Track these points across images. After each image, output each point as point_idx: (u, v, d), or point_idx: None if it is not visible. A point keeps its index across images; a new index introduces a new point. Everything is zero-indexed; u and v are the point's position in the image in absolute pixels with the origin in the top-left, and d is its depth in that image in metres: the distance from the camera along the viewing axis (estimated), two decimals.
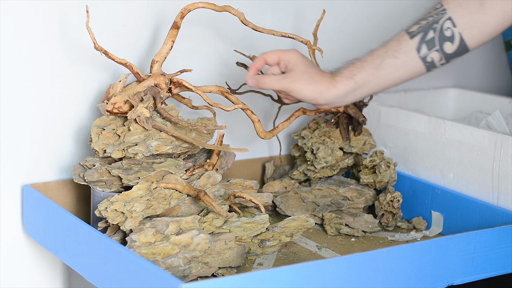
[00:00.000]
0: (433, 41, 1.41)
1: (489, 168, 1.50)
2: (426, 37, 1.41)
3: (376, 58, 1.43)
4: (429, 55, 1.42)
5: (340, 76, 1.43)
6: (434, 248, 1.31)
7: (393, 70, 1.43)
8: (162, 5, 1.57)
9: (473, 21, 1.41)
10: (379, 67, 1.42)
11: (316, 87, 1.42)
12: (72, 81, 1.51)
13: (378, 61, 1.42)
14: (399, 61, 1.42)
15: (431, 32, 1.41)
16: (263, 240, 1.44)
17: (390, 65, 1.43)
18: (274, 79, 1.44)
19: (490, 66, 2.10)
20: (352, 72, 1.43)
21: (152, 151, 1.40)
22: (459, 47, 1.42)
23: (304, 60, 1.45)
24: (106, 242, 1.26)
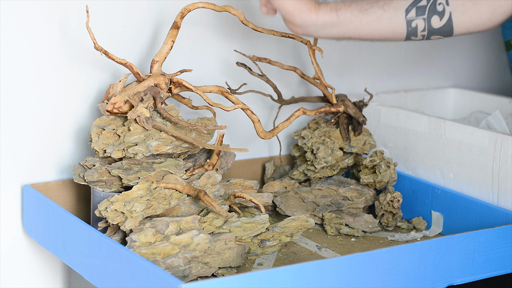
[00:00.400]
0: (423, 8, 1.42)
1: (489, 168, 1.50)
2: (418, 2, 1.42)
3: (366, 2, 1.43)
4: (414, 20, 1.43)
5: (325, 5, 1.42)
6: (434, 248, 1.31)
7: (376, 20, 1.43)
8: (162, 5, 1.57)
9: (465, 6, 1.43)
10: (366, 11, 1.42)
11: (298, 4, 1.41)
12: (72, 81, 1.51)
13: (366, 6, 1.42)
14: (385, 14, 1.43)
15: (424, 0, 1.41)
16: (263, 240, 1.44)
17: (376, 14, 1.43)
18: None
19: (490, 66, 2.10)
20: (338, 6, 1.42)
21: (152, 151, 1.40)
22: (445, 25, 1.43)
23: None
24: (106, 242, 1.26)
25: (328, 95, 1.64)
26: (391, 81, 1.93)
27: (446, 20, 1.42)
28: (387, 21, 1.43)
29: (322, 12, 1.41)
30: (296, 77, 1.76)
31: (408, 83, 1.95)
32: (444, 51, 2.01)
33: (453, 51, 2.03)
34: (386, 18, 1.42)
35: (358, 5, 1.42)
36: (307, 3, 1.41)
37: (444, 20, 1.42)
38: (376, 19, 1.43)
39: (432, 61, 1.99)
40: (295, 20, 1.42)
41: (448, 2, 1.42)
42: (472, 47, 2.06)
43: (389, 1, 1.43)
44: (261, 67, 1.68)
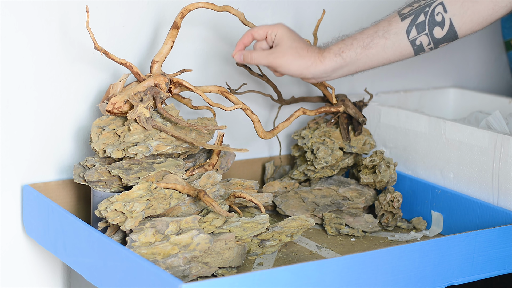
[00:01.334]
0: (423, 24, 1.42)
1: (489, 168, 1.50)
2: (416, 20, 1.42)
3: (366, 37, 1.43)
4: (418, 38, 1.43)
5: (328, 52, 1.43)
6: (434, 248, 1.31)
7: (382, 50, 1.44)
8: (162, 5, 1.57)
9: (464, 8, 1.42)
10: (368, 46, 1.43)
11: (303, 62, 1.42)
12: (72, 81, 1.51)
13: (367, 40, 1.43)
14: (388, 41, 1.43)
15: (422, 15, 1.42)
16: (263, 240, 1.44)
17: (379, 45, 1.43)
18: (260, 54, 1.43)
19: (490, 66, 2.10)
20: (341, 49, 1.43)
21: (152, 151, 1.40)
22: (448, 32, 1.43)
23: (290, 34, 1.44)
24: (106, 242, 1.26)
25: (328, 95, 1.64)
26: (391, 81, 1.93)
27: (448, 27, 1.42)
28: (391, 48, 1.44)
29: (327, 60, 1.43)
30: None
31: (408, 83, 1.95)
32: (444, 51, 2.01)
33: (453, 51, 2.03)
34: (389, 45, 1.43)
35: (359, 42, 1.43)
36: (310, 58, 1.43)
37: (446, 28, 1.42)
38: (381, 49, 1.44)
39: (432, 61, 1.99)
40: (306, 76, 1.45)
41: (446, 9, 1.42)
42: (472, 47, 2.06)
43: (387, 28, 1.43)
44: (261, 67, 1.68)
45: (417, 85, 1.97)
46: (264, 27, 1.45)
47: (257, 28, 1.45)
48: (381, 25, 1.44)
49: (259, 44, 1.47)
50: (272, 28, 1.44)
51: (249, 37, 1.46)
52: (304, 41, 1.46)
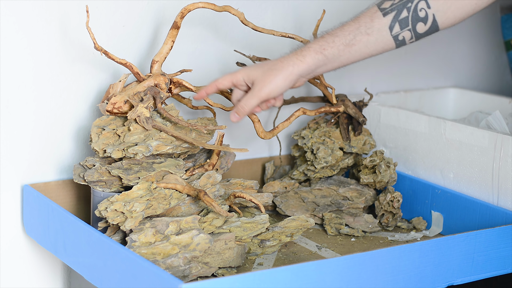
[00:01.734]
0: (406, 20, 1.42)
1: (489, 168, 1.50)
2: (399, 16, 1.42)
3: (348, 33, 1.42)
4: (401, 34, 1.42)
5: (307, 50, 1.42)
6: (434, 248, 1.31)
7: (364, 46, 1.43)
8: (162, 5, 1.57)
9: (448, 4, 1.42)
10: (351, 43, 1.42)
11: (284, 73, 1.41)
12: (72, 81, 1.51)
13: (350, 37, 1.42)
14: (371, 38, 1.42)
15: (404, 11, 1.41)
16: (263, 240, 1.44)
17: (362, 42, 1.43)
18: (248, 97, 1.41)
19: (490, 66, 2.10)
20: (322, 46, 1.42)
21: (152, 151, 1.40)
22: (431, 27, 1.43)
23: (254, 66, 1.43)
24: (106, 242, 1.26)
25: (328, 95, 1.64)
26: (391, 81, 1.93)
27: (431, 23, 1.42)
28: (374, 43, 1.43)
29: (308, 58, 1.41)
30: None
31: (408, 83, 1.95)
32: (444, 51, 2.01)
33: (453, 51, 2.03)
34: (372, 41, 1.43)
35: (341, 39, 1.42)
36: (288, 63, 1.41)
37: (429, 24, 1.42)
38: (364, 45, 1.43)
39: (432, 61, 1.99)
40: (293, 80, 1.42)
41: (430, 5, 1.41)
42: (472, 47, 2.06)
43: (370, 24, 1.42)
44: None
45: (417, 85, 1.97)
46: (227, 76, 1.43)
47: (221, 79, 1.44)
48: (362, 21, 1.43)
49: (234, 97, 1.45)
50: (235, 75, 1.43)
51: (213, 88, 1.45)
52: (271, 60, 1.45)
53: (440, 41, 1.99)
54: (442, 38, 1.99)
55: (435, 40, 1.98)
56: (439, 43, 1.99)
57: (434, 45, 1.98)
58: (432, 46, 1.98)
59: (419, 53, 1.96)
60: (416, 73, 1.97)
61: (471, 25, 2.04)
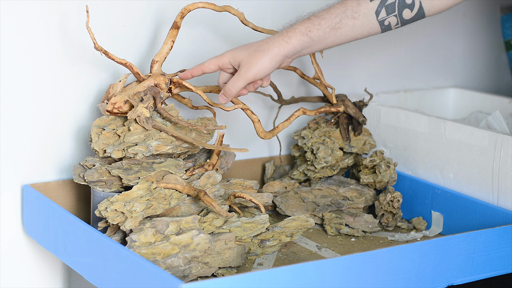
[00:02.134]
0: (393, 6, 1.42)
1: (489, 168, 1.50)
2: (386, 1, 1.42)
3: (334, 16, 1.43)
4: (387, 19, 1.43)
5: (293, 32, 1.43)
6: (434, 248, 1.31)
7: (350, 30, 1.44)
8: (162, 5, 1.57)
9: None
10: (337, 26, 1.43)
11: (270, 54, 1.42)
12: (72, 81, 1.51)
13: (336, 20, 1.43)
14: (357, 22, 1.43)
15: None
16: (263, 240, 1.44)
17: (348, 25, 1.43)
18: (233, 80, 1.42)
19: (490, 66, 2.10)
20: (308, 28, 1.43)
21: (152, 151, 1.40)
22: (417, 14, 1.44)
23: (239, 48, 1.44)
24: (106, 242, 1.26)
25: (328, 95, 1.64)
26: (391, 81, 1.93)
27: (417, 9, 1.43)
28: (360, 27, 1.44)
29: (293, 39, 1.42)
30: (296, 77, 1.76)
31: (408, 83, 1.95)
32: (444, 51, 2.01)
33: (453, 51, 2.03)
34: (358, 25, 1.43)
35: (327, 21, 1.43)
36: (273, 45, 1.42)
37: (415, 11, 1.43)
38: (349, 29, 1.44)
39: (432, 61, 1.99)
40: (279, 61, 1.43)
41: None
42: (472, 47, 2.06)
43: (356, 8, 1.43)
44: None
45: (417, 85, 1.97)
46: (212, 60, 1.44)
47: (206, 63, 1.44)
48: (349, 5, 1.43)
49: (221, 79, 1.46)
50: (220, 58, 1.44)
51: (199, 71, 1.45)
52: (257, 41, 1.45)
53: (440, 42, 1.99)
54: (442, 38, 1.99)
55: (435, 40, 1.98)
56: (439, 44, 1.99)
57: (434, 45, 1.98)
58: (432, 46, 1.98)
59: (419, 53, 1.96)
60: (416, 73, 1.97)
61: (471, 25, 2.04)
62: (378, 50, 1.88)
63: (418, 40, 1.95)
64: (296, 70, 1.62)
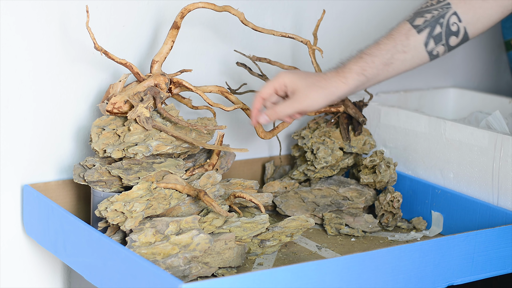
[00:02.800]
0: (440, 36, 1.44)
1: (489, 168, 1.50)
2: (433, 32, 1.44)
3: (385, 52, 1.44)
4: (435, 49, 1.45)
5: (350, 73, 1.44)
6: (434, 248, 1.31)
7: (401, 64, 1.45)
8: (162, 5, 1.57)
9: (477, 16, 1.45)
10: (389, 62, 1.44)
11: (327, 92, 1.42)
12: (72, 81, 1.51)
13: (387, 56, 1.44)
14: (407, 55, 1.45)
15: (438, 27, 1.44)
16: (263, 240, 1.44)
17: (400, 60, 1.45)
18: (285, 105, 1.42)
19: (490, 66, 2.10)
20: (363, 67, 1.44)
21: (152, 151, 1.40)
22: (462, 39, 1.46)
23: (298, 75, 1.43)
24: (106, 242, 1.26)
25: None
26: (391, 81, 1.93)
27: (463, 35, 1.46)
28: (410, 60, 1.45)
29: (350, 80, 1.43)
30: None
31: (408, 83, 1.95)
32: None
33: (453, 51, 2.03)
34: (409, 58, 1.45)
35: (380, 58, 1.44)
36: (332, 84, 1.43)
37: (460, 37, 1.46)
38: (401, 63, 1.45)
39: (432, 61, 1.99)
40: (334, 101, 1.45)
41: (461, 19, 1.44)
42: (472, 47, 2.06)
43: (406, 42, 1.44)
44: (261, 67, 1.68)
45: (417, 85, 1.97)
46: (269, 85, 1.43)
47: (263, 90, 1.44)
48: (398, 39, 1.44)
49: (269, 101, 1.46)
50: (278, 81, 1.43)
51: (260, 101, 1.45)
52: (314, 73, 1.46)
53: None
54: None
55: None
56: None
57: None
58: None
59: None
60: (416, 73, 1.97)
61: None
62: None
63: None
64: None
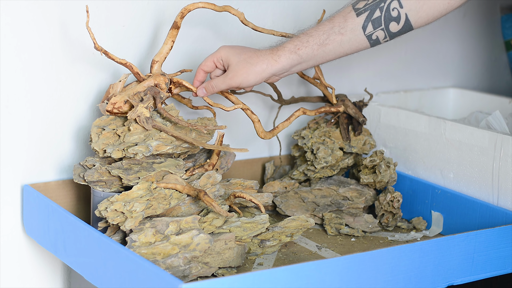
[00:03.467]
0: (379, 20, 1.43)
1: (489, 168, 1.50)
2: (372, 16, 1.43)
3: (322, 33, 1.44)
4: (374, 33, 1.44)
5: (282, 50, 1.44)
6: (434, 248, 1.31)
7: (338, 46, 1.45)
8: (162, 5, 1.57)
9: (420, 4, 1.43)
10: (324, 43, 1.44)
11: (258, 68, 1.43)
12: (72, 81, 1.51)
13: (324, 37, 1.44)
14: (344, 37, 1.44)
15: (377, 11, 1.43)
16: (263, 240, 1.44)
17: (336, 41, 1.44)
18: (217, 81, 1.46)
19: (490, 66, 2.10)
20: (296, 46, 1.44)
21: (152, 151, 1.40)
22: (404, 26, 1.45)
23: (234, 50, 1.45)
24: (106, 242, 1.26)
25: (328, 95, 1.64)
26: (391, 81, 1.93)
27: (404, 22, 1.44)
28: (348, 43, 1.45)
29: (282, 58, 1.44)
30: (296, 77, 1.76)
31: (408, 83, 1.95)
32: (444, 51, 2.01)
33: (453, 51, 2.03)
34: (346, 41, 1.45)
35: (315, 38, 1.44)
36: (263, 61, 1.44)
37: (401, 23, 1.44)
38: (338, 45, 1.45)
39: (432, 61, 1.99)
40: (266, 78, 1.46)
41: (402, 5, 1.43)
42: (472, 47, 2.06)
43: (343, 24, 1.44)
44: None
45: (417, 85, 1.97)
46: (209, 57, 1.47)
47: (204, 62, 1.47)
48: (336, 21, 1.44)
49: (213, 73, 1.49)
50: (215, 55, 1.46)
51: (202, 73, 1.48)
52: (250, 49, 1.47)
53: (440, 42, 1.99)
54: (442, 38, 1.99)
55: (435, 40, 1.98)
56: (439, 44, 1.99)
57: (434, 45, 1.98)
58: (432, 46, 1.98)
59: (419, 53, 1.96)
60: (416, 73, 1.97)
61: (471, 25, 2.04)
62: (378, 50, 1.88)
63: (418, 40, 1.95)
64: None
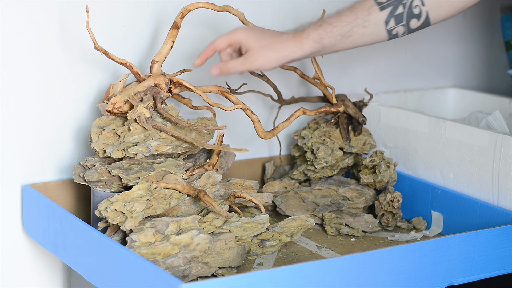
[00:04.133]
0: (401, 16, 1.45)
1: (489, 168, 1.50)
2: (395, 12, 1.45)
3: (345, 24, 1.45)
4: (395, 29, 1.46)
5: (307, 39, 1.44)
6: (434, 248, 1.31)
7: (359, 38, 1.46)
8: (162, 5, 1.57)
9: (440, 2, 1.45)
10: (348, 34, 1.45)
11: (281, 54, 1.43)
12: (72, 81, 1.51)
13: (347, 28, 1.44)
14: (367, 30, 1.45)
15: (400, 7, 1.44)
16: (263, 240, 1.44)
17: (358, 33, 1.45)
18: (236, 63, 1.43)
19: (490, 66, 2.10)
20: (320, 35, 1.44)
21: (152, 151, 1.40)
22: (423, 23, 1.47)
23: (255, 34, 1.44)
24: (106, 242, 1.26)
25: (328, 95, 1.64)
26: (391, 81, 1.93)
27: (424, 19, 1.46)
28: (369, 36, 1.46)
29: (306, 46, 1.44)
30: (296, 77, 1.76)
31: (408, 83, 1.95)
32: (444, 51, 2.01)
33: (453, 51, 2.03)
34: (367, 33, 1.46)
35: (339, 29, 1.44)
36: (287, 47, 1.43)
37: (421, 20, 1.46)
38: (359, 37, 1.46)
39: (432, 61, 1.99)
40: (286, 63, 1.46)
41: (424, 3, 1.45)
42: (472, 47, 2.06)
43: (367, 16, 1.45)
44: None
45: (417, 85, 1.97)
46: (224, 37, 1.44)
47: (218, 41, 1.45)
48: (360, 13, 1.45)
49: (223, 53, 1.47)
50: (233, 37, 1.44)
51: (211, 51, 1.46)
52: (272, 33, 1.46)
53: (440, 42, 1.99)
54: (442, 38, 1.99)
55: (435, 40, 1.98)
56: (439, 44, 1.99)
57: (434, 45, 1.98)
58: (432, 47, 1.98)
59: (419, 53, 1.96)
60: (416, 73, 1.97)
61: (471, 25, 2.04)
62: (378, 50, 1.88)
63: (418, 40, 1.95)
64: (296, 70, 1.62)
